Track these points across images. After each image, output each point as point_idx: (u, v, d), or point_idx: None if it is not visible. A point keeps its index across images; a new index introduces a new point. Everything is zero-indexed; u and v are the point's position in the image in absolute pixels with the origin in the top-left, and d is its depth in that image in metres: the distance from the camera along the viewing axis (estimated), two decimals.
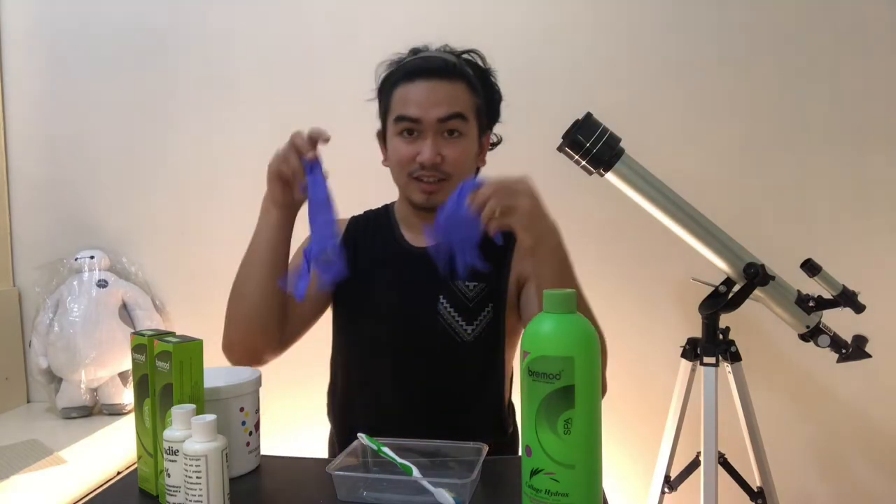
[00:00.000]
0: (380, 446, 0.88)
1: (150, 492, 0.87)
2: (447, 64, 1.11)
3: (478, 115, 1.14)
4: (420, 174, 1.10)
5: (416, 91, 1.09)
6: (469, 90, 1.12)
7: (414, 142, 1.10)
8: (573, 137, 1.25)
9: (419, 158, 1.09)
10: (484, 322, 1.14)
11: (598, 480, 0.73)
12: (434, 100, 1.08)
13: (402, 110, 1.10)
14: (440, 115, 1.08)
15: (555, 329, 0.72)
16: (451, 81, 1.10)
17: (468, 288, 1.14)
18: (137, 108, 1.92)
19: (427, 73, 1.10)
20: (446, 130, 1.09)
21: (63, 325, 1.74)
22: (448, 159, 1.09)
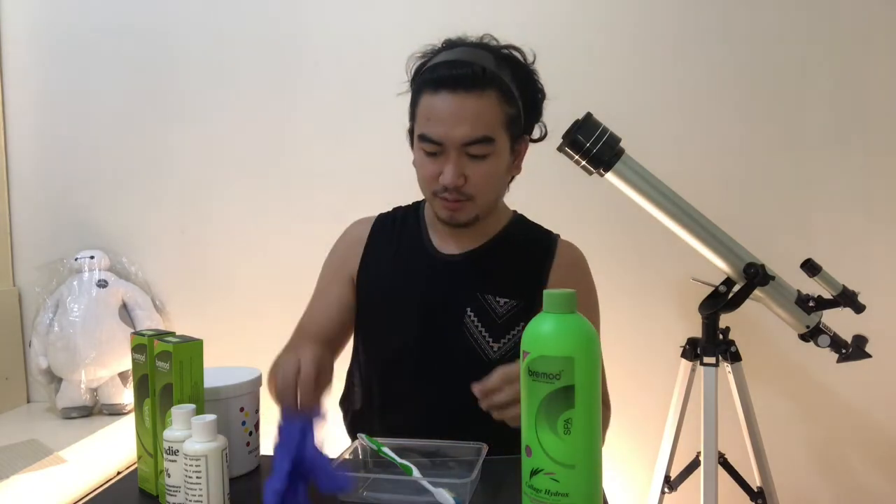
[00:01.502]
0: (380, 446, 0.88)
1: (150, 492, 0.87)
2: (475, 73, 0.99)
3: (509, 126, 1.03)
4: (443, 195, 1.03)
5: (440, 106, 0.99)
6: (501, 100, 1.01)
7: (437, 160, 1.02)
8: (573, 137, 1.25)
9: (441, 180, 1.01)
10: (513, 342, 1.07)
11: (598, 480, 0.73)
12: (458, 118, 0.98)
13: (425, 128, 1.01)
14: (464, 140, 0.99)
15: (555, 329, 0.72)
16: (479, 94, 0.98)
17: (498, 304, 1.08)
18: (138, 108, 1.92)
19: (453, 85, 0.98)
20: (471, 154, 1.01)
21: (63, 325, 1.74)
22: (471, 181, 1.02)
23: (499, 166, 1.04)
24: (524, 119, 1.07)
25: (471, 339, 1.07)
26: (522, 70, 1.07)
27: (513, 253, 1.13)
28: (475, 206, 1.04)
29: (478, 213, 1.06)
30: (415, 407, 1.10)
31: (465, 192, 1.02)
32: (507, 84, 1.02)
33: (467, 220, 1.06)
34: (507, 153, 1.06)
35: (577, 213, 1.78)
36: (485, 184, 1.03)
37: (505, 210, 1.19)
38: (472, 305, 1.08)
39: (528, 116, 1.08)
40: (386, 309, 1.14)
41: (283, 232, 1.88)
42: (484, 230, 1.13)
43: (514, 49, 1.08)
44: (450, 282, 1.10)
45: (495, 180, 1.06)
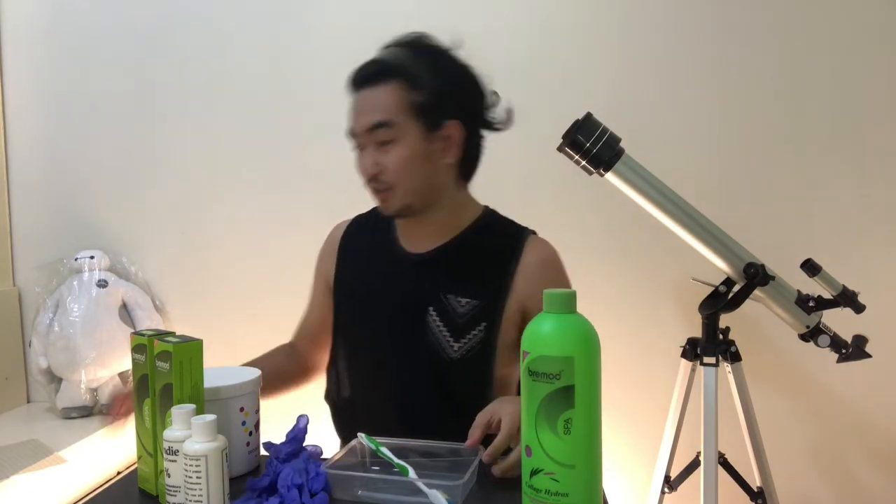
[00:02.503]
0: (378, 446, 0.88)
1: (150, 492, 0.87)
2: (372, 69, 1.07)
3: (419, 111, 1.06)
4: (370, 185, 1.10)
5: (353, 103, 1.09)
6: (403, 88, 1.05)
7: (361, 154, 1.10)
8: (573, 137, 1.25)
9: (363, 171, 1.09)
10: (474, 341, 1.09)
11: (598, 480, 0.73)
12: (362, 110, 1.07)
13: (348, 125, 1.11)
14: (364, 127, 1.06)
15: (555, 329, 0.72)
16: (380, 86, 1.06)
17: (460, 304, 1.09)
18: (137, 108, 1.92)
19: (359, 83, 1.08)
20: (377, 140, 1.06)
21: (63, 325, 1.74)
22: (386, 168, 1.06)
23: (409, 152, 1.06)
24: (445, 105, 1.08)
25: (433, 338, 1.09)
26: (439, 59, 1.10)
27: (479, 251, 1.13)
28: (397, 193, 1.07)
29: (407, 201, 1.08)
30: (384, 404, 1.13)
31: (384, 181, 1.07)
32: (412, 73, 1.06)
33: (397, 208, 1.09)
34: (417, 139, 1.06)
35: (577, 213, 1.78)
36: (398, 170, 1.06)
37: (471, 205, 1.19)
38: (435, 305, 1.10)
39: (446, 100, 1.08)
40: (355, 307, 1.18)
41: (283, 232, 1.88)
42: (447, 227, 1.14)
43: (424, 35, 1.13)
44: (414, 280, 1.13)
45: (409, 166, 1.07)
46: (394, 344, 1.12)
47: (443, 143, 1.09)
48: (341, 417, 1.22)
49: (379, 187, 1.08)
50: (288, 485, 0.80)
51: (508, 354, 1.12)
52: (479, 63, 1.85)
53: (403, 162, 1.06)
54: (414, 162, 1.07)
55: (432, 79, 1.07)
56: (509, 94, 1.80)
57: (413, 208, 1.10)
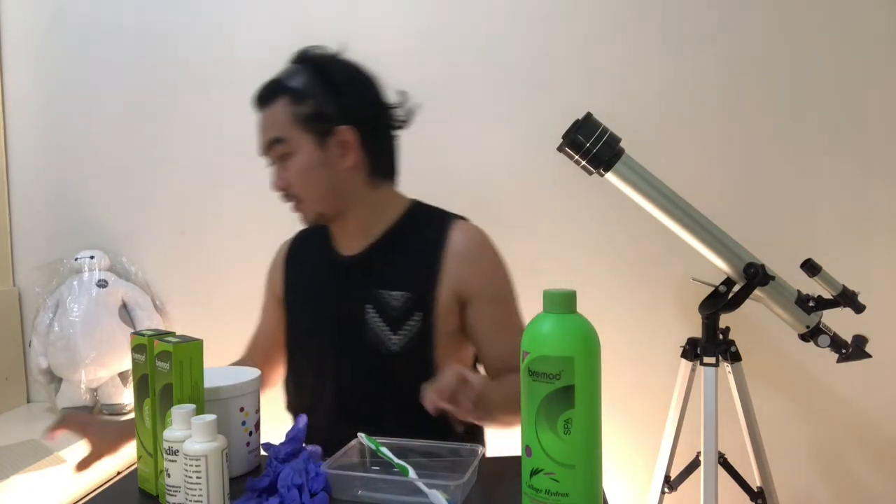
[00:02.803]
0: (378, 446, 0.88)
1: (150, 492, 0.87)
2: (265, 89, 1.13)
3: (306, 122, 1.09)
4: (283, 199, 1.14)
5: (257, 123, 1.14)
6: (290, 103, 1.09)
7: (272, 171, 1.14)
8: (573, 137, 1.25)
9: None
10: (411, 331, 1.10)
11: (598, 480, 0.73)
12: (261, 129, 1.12)
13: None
14: (263, 145, 1.12)
15: (555, 329, 0.72)
16: (270, 105, 1.11)
17: (393, 297, 1.11)
18: (137, 108, 1.91)
19: (257, 104, 1.14)
20: (276, 156, 1.11)
21: (63, 325, 1.74)
22: (290, 181, 1.11)
23: (305, 162, 1.10)
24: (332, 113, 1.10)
25: (372, 334, 1.11)
26: (322, 70, 1.12)
27: (406, 243, 1.15)
28: (307, 203, 1.12)
29: (317, 210, 1.12)
30: (334, 403, 1.14)
31: (292, 194, 1.12)
32: (294, 88, 1.10)
33: (312, 217, 1.14)
34: (311, 149, 1.09)
35: (577, 213, 1.78)
36: (300, 181, 1.10)
37: (397, 202, 1.20)
38: (372, 301, 1.12)
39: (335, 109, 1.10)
40: (301, 316, 1.21)
41: (284, 232, 1.87)
42: (373, 225, 1.16)
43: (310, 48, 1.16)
44: (350, 281, 1.15)
45: (308, 176, 1.10)
46: (338, 346, 1.15)
47: (339, 150, 1.11)
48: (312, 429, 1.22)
49: (290, 201, 1.13)
50: (288, 485, 0.80)
51: (451, 343, 1.14)
52: (480, 62, 1.85)
53: (302, 172, 1.10)
54: (312, 171, 1.10)
55: (316, 90, 1.10)
56: (509, 93, 1.81)
57: (326, 216, 1.14)
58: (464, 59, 1.79)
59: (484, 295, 1.12)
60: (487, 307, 1.12)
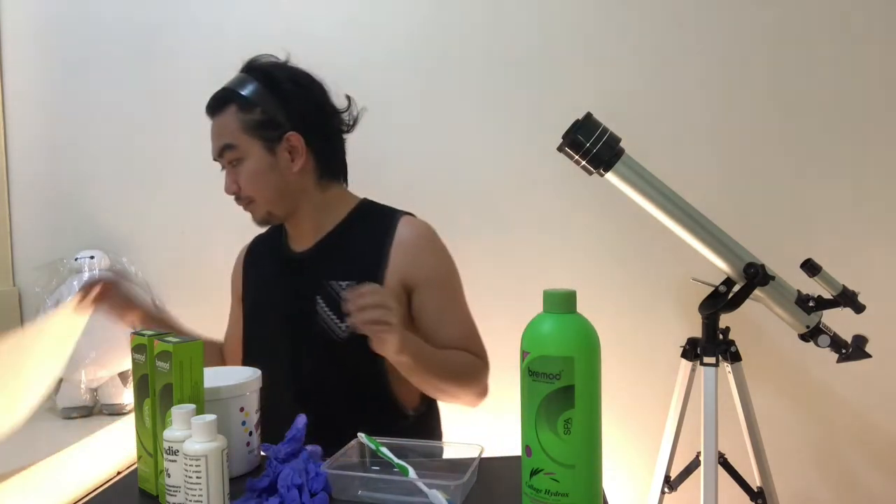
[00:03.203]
0: (378, 446, 0.88)
1: (150, 492, 0.87)
2: (214, 99, 1.19)
3: (255, 129, 1.15)
4: (236, 202, 1.20)
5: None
6: (238, 111, 1.15)
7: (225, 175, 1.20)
8: (573, 137, 1.25)
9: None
10: None
11: (598, 480, 0.73)
12: (213, 136, 1.18)
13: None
14: (216, 151, 1.17)
15: (555, 329, 0.72)
16: (221, 113, 1.17)
17: (341, 286, 1.15)
18: (137, 108, 1.91)
19: (209, 112, 1.20)
20: (228, 161, 1.17)
21: None
22: (242, 185, 1.16)
23: (255, 166, 1.15)
24: (279, 120, 1.15)
25: (322, 324, 1.15)
26: (268, 79, 1.18)
27: (355, 237, 1.21)
28: (258, 204, 1.18)
29: (267, 210, 1.18)
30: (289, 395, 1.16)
31: (244, 196, 1.17)
32: (242, 97, 1.16)
33: (261, 217, 1.20)
34: (260, 154, 1.15)
35: (577, 213, 1.78)
36: (251, 184, 1.16)
37: (347, 199, 1.25)
38: (321, 293, 1.16)
39: (283, 116, 1.15)
40: (257, 311, 1.27)
41: None
42: (324, 222, 1.21)
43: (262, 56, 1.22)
44: (301, 276, 1.20)
45: (258, 180, 1.16)
46: (289, 339, 1.20)
47: (288, 154, 1.16)
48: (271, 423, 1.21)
49: (242, 203, 1.19)
50: (288, 485, 0.80)
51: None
52: (479, 62, 1.85)
53: (252, 177, 1.16)
54: (262, 175, 1.16)
55: (264, 98, 1.16)
56: (509, 93, 1.81)
57: (276, 216, 1.19)
58: (463, 59, 1.79)
59: (429, 283, 1.17)
60: (432, 294, 1.17)
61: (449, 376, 1.12)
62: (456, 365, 1.14)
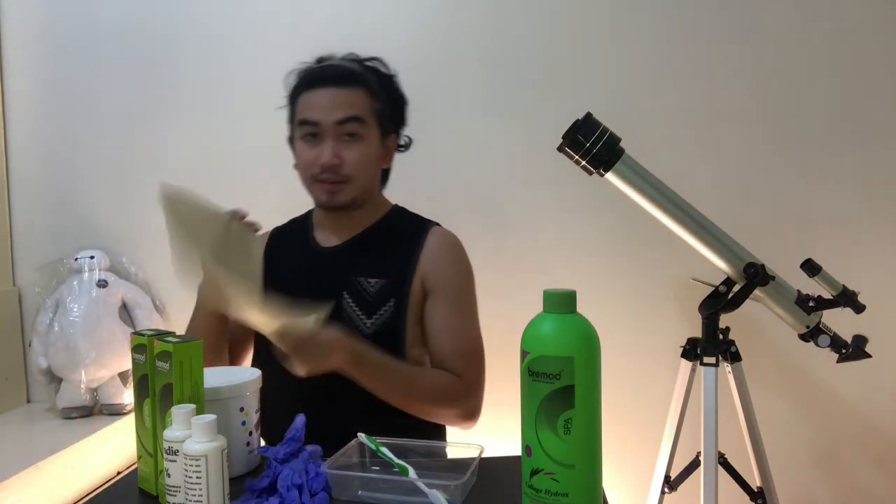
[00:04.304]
0: (378, 446, 0.88)
1: (150, 492, 0.87)
2: (345, 71, 1.20)
3: (379, 118, 1.20)
4: (322, 176, 1.17)
5: (317, 97, 1.18)
6: (368, 95, 1.19)
7: (316, 145, 1.17)
8: (573, 137, 1.25)
9: (320, 160, 1.16)
10: (384, 316, 1.18)
11: (598, 480, 0.73)
12: (333, 104, 1.16)
13: (304, 114, 1.18)
14: (338, 118, 1.15)
15: (555, 329, 0.72)
16: (349, 88, 1.18)
17: (369, 283, 1.18)
18: (137, 108, 1.91)
19: (326, 81, 1.18)
20: (345, 133, 1.16)
21: (63, 325, 1.74)
22: (347, 161, 1.16)
23: (370, 150, 1.19)
24: (391, 118, 1.24)
25: (346, 318, 1.17)
26: (384, 77, 1.26)
27: (387, 238, 1.25)
28: (352, 187, 1.18)
29: (355, 194, 1.19)
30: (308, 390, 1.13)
31: (342, 173, 1.16)
32: (372, 84, 1.21)
33: (346, 201, 1.19)
34: (377, 142, 1.21)
35: (577, 213, 1.78)
36: (358, 164, 1.17)
37: (384, 203, 1.31)
38: (348, 288, 1.19)
39: (393, 116, 1.26)
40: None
41: None
42: (361, 221, 1.25)
43: (376, 59, 1.27)
44: (328, 270, 1.22)
45: (368, 163, 1.20)
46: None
47: (385, 151, 1.25)
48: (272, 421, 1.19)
49: (334, 178, 1.17)
50: (288, 485, 0.80)
51: (416, 332, 1.22)
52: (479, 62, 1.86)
53: (363, 158, 1.18)
54: (370, 161, 1.20)
55: (384, 94, 1.23)
56: (509, 93, 1.81)
57: (356, 203, 1.21)
58: (463, 59, 1.79)
59: (443, 290, 1.20)
60: (442, 302, 1.20)
61: (414, 394, 1.13)
62: (424, 383, 1.16)
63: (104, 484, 1.37)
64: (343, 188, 1.18)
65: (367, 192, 1.23)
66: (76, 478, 1.40)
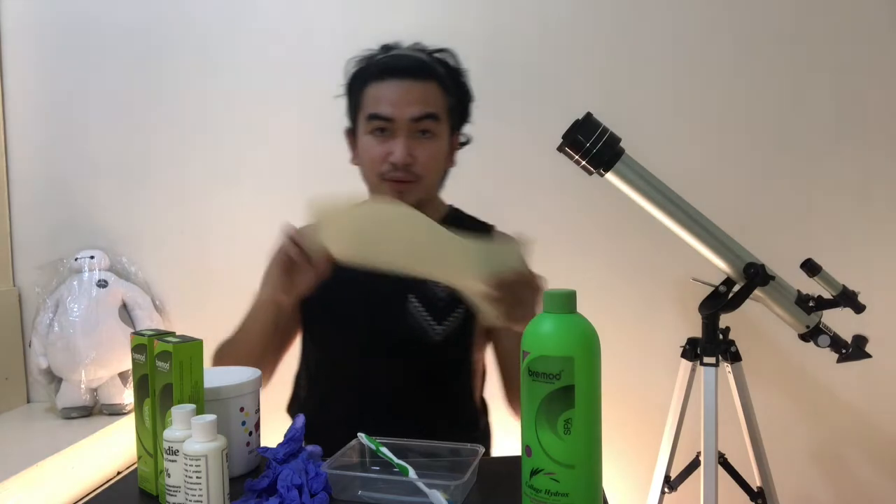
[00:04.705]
0: (378, 446, 0.88)
1: (150, 492, 0.87)
2: (420, 63, 1.11)
3: (450, 115, 1.13)
4: (392, 175, 1.09)
5: (388, 90, 1.09)
6: (441, 90, 1.12)
7: (385, 141, 1.09)
8: (573, 137, 1.25)
9: (391, 158, 1.08)
10: (455, 323, 1.13)
11: (598, 480, 0.73)
12: (408, 99, 1.08)
13: (374, 108, 1.09)
14: (414, 115, 1.08)
15: (555, 329, 0.72)
16: (423, 81, 1.10)
17: (438, 287, 1.12)
18: (137, 108, 1.91)
19: (399, 72, 1.09)
20: (419, 130, 1.09)
21: (63, 325, 1.74)
22: (419, 160, 1.09)
23: (442, 149, 1.13)
24: (459, 116, 1.17)
25: (413, 322, 1.12)
26: (453, 70, 1.17)
27: None
28: (420, 187, 1.11)
29: (422, 195, 1.13)
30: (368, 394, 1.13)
31: (414, 172, 1.09)
32: (444, 77, 1.13)
33: (414, 201, 1.10)
34: (447, 141, 1.14)
35: (577, 213, 1.78)
36: (430, 163, 1.11)
37: (441, 203, 1.25)
38: (415, 292, 1.13)
39: (460, 112, 1.18)
40: (335, 302, 1.17)
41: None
42: None
43: (445, 51, 1.18)
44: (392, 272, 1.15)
45: (438, 163, 1.14)
46: (375, 334, 1.14)
47: (451, 149, 1.17)
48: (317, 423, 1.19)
49: (405, 178, 1.09)
50: (288, 485, 0.80)
51: (482, 340, 1.19)
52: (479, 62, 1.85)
53: (435, 157, 1.11)
54: (440, 159, 1.14)
55: (454, 92, 1.14)
56: (509, 93, 1.81)
57: (423, 202, 1.12)
58: (463, 59, 1.79)
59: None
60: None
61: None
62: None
63: (104, 484, 1.37)
64: (412, 188, 1.10)
65: (432, 191, 1.17)
66: (76, 478, 1.40)
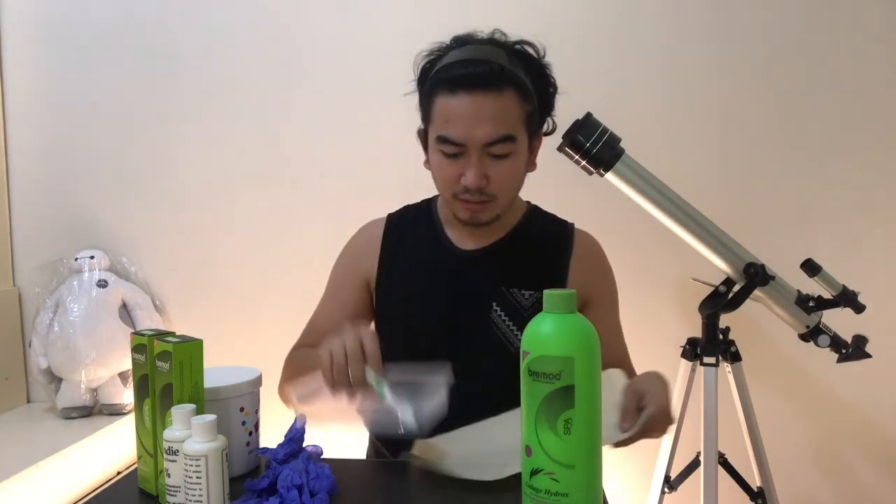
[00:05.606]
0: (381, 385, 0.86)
1: (150, 492, 0.87)
2: (493, 72, 0.97)
3: (528, 123, 1.02)
4: (465, 195, 1.02)
5: (458, 106, 0.97)
6: (519, 98, 0.99)
7: (457, 161, 1.00)
8: (573, 137, 1.25)
9: (463, 181, 1.00)
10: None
11: (598, 480, 0.73)
12: (479, 118, 0.96)
13: (443, 129, 0.99)
14: (486, 140, 0.97)
15: (555, 329, 0.72)
16: (498, 93, 0.97)
17: (523, 296, 1.07)
18: (137, 108, 1.92)
19: (471, 85, 0.97)
20: (493, 154, 0.99)
21: (63, 325, 1.74)
22: (494, 181, 1.00)
23: (519, 165, 1.04)
24: (539, 116, 1.07)
25: (498, 333, 1.07)
26: (535, 65, 1.05)
27: (531, 245, 1.13)
28: (497, 205, 1.04)
29: (499, 212, 1.06)
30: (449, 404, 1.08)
31: (488, 193, 1.01)
32: (523, 81, 1.00)
33: (489, 219, 1.05)
34: (525, 151, 1.05)
35: (577, 213, 1.77)
36: (506, 183, 1.03)
37: (520, 202, 1.18)
38: (498, 300, 1.08)
39: (541, 112, 1.07)
40: (410, 308, 1.12)
41: (284, 231, 1.88)
42: (501, 224, 1.12)
43: (527, 44, 1.06)
44: (473, 277, 1.10)
45: (516, 179, 1.06)
46: (456, 342, 1.08)
47: (531, 154, 1.08)
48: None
49: (481, 199, 1.02)
50: (288, 485, 0.80)
51: None
52: None
53: (513, 174, 1.03)
54: (519, 175, 1.06)
55: (532, 89, 1.02)
56: None
57: (501, 217, 1.08)
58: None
59: (602, 300, 1.15)
60: (604, 312, 1.14)
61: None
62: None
63: (104, 484, 1.37)
64: (487, 207, 1.03)
65: (509, 206, 1.08)
66: (76, 478, 1.40)
